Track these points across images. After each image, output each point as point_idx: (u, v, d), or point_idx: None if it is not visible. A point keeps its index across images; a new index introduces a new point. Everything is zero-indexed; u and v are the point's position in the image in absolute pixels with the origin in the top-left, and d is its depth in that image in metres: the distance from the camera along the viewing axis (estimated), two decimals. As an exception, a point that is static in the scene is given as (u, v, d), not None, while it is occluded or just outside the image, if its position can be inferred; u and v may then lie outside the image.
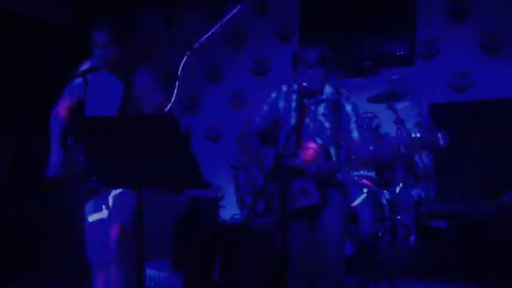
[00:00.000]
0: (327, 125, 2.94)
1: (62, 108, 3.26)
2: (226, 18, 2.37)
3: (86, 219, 2.90)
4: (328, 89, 2.98)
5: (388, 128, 4.85)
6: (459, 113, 5.36)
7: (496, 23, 5.31)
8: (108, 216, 3.21)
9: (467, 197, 4.36)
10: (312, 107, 2.96)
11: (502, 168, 5.16)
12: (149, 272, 4.42)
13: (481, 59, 5.37)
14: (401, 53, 5.53)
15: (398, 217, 4.59)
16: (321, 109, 2.97)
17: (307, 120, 2.96)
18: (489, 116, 5.25)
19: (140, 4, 6.68)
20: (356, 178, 4.70)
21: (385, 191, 5.05)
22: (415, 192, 5.22)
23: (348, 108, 2.94)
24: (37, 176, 3.24)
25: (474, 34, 5.39)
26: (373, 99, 4.92)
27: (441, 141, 2.51)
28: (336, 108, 2.93)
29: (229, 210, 5.99)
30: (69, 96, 3.26)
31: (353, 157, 2.87)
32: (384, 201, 4.88)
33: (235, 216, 5.95)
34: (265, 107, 3.10)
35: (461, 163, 5.27)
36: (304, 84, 2.89)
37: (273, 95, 3.08)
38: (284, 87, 3.04)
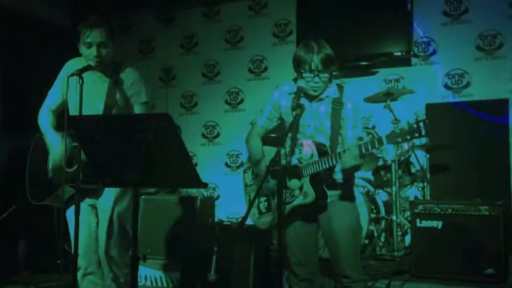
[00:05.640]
0: (327, 123, 2.93)
1: (51, 106, 3.25)
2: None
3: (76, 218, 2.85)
4: (330, 87, 2.96)
5: (385, 127, 4.85)
6: (455, 113, 5.39)
7: (493, 24, 5.34)
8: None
9: (463, 196, 4.37)
10: (313, 106, 2.95)
11: (497, 168, 5.19)
12: (144, 271, 4.42)
13: (476, 60, 5.40)
14: (398, 53, 5.55)
15: (394, 217, 4.60)
16: (322, 108, 2.95)
17: (307, 119, 2.96)
18: (485, 116, 5.28)
19: (136, 3, 6.67)
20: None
21: (381, 191, 5.07)
22: (410, 192, 5.24)
23: (349, 106, 2.93)
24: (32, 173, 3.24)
25: (470, 35, 5.41)
26: (370, 99, 4.94)
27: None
28: (336, 106, 2.92)
29: (226, 209, 6.00)
30: (58, 94, 3.23)
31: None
32: (380, 201, 4.89)
33: (231, 215, 5.96)
34: (269, 106, 3.10)
35: (456, 163, 5.30)
36: (309, 91, 2.88)
37: (276, 94, 3.07)
38: (286, 87, 3.03)
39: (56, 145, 3.13)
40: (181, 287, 3.98)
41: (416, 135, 2.54)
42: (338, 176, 2.95)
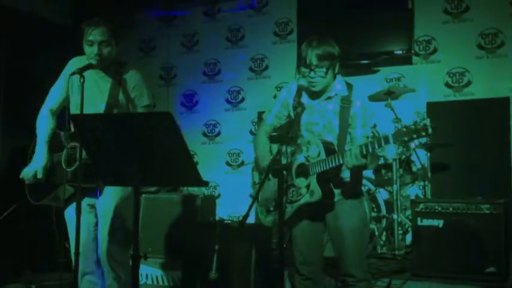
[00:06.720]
0: (335, 122, 2.91)
1: (52, 105, 3.25)
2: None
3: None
4: (338, 85, 2.95)
5: (386, 126, 4.85)
6: (456, 112, 5.38)
7: (494, 23, 5.33)
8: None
9: (464, 195, 4.36)
10: (322, 104, 2.94)
11: (498, 166, 5.18)
12: (145, 270, 4.43)
13: (478, 58, 5.39)
14: (399, 51, 5.54)
15: (395, 216, 4.60)
16: (330, 106, 2.94)
17: (316, 117, 2.95)
18: (486, 115, 5.27)
19: (138, 3, 6.66)
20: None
21: (382, 190, 5.07)
22: (411, 190, 5.24)
23: (357, 104, 2.91)
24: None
25: (472, 33, 5.41)
26: (371, 98, 4.92)
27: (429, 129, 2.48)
28: (345, 104, 2.90)
29: (226, 207, 6.00)
30: (60, 92, 3.23)
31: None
32: (381, 200, 4.89)
33: (232, 214, 5.96)
34: (277, 105, 3.10)
35: (457, 162, 5.29)
36: (309, 88, 2.87)
37: (284, 92, 3.08)
38: (294, 86, 3.03)
39: (38, 158, 3.13)
40: (182, 285, 3.98)
41: (423, 134, 2.50)
42: (346, 175, 2.93)
